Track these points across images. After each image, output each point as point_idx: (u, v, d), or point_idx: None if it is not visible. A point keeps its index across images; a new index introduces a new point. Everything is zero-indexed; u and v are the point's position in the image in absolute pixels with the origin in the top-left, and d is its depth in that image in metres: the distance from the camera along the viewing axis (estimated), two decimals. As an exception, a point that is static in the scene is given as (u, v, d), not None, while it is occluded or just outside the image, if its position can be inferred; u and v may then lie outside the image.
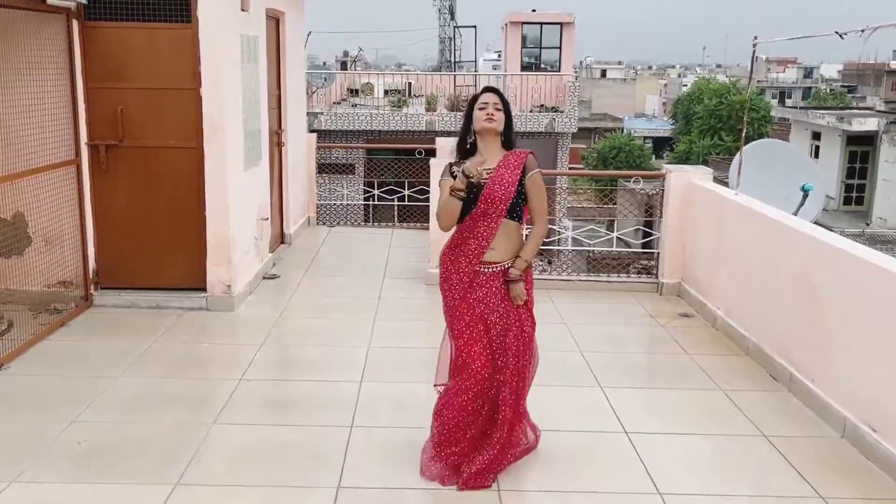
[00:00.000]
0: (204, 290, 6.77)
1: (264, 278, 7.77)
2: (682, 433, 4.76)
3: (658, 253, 7.85)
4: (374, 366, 5.64)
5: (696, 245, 7.31)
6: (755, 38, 6.34)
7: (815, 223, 6.34)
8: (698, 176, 7.44)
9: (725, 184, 7.80)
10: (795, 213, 6.84)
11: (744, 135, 6.95)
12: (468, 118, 4.10)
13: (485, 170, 3.95)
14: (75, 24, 6.38)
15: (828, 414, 4.87)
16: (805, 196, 7.28)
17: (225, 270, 6.74)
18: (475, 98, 4.11)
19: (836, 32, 4.89)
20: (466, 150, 4.12)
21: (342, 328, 6.50)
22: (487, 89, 4.13)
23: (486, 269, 4.03)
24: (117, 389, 5.12)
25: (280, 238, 9.29)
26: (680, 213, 7.50)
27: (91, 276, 6.74)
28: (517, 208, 4.02)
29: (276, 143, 8.98)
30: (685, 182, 7.43)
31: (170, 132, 6.60)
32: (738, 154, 6.90)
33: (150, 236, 6.75)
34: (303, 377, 5.54)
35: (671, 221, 7.55)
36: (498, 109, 4.03)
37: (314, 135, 11.22)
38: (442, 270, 4.13)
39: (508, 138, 4.09)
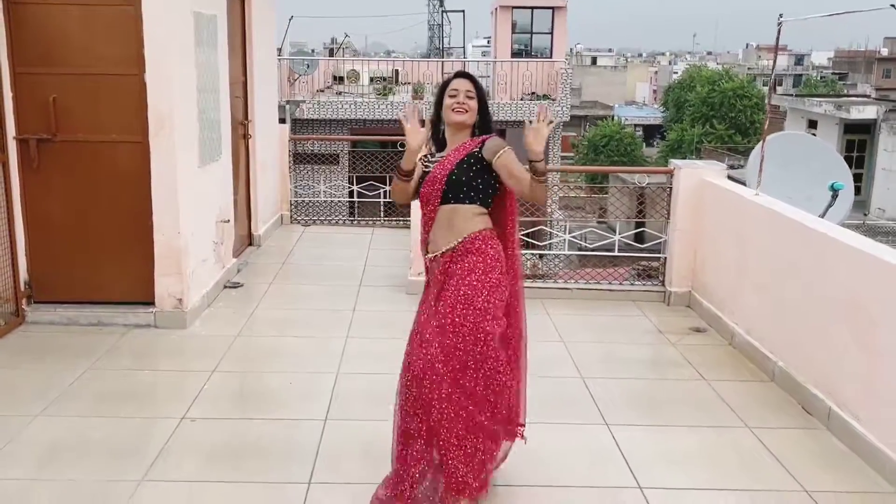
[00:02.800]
0: (152, 304, 5.94)
1: (225, 287, 6.93)
2: (709, 488, 3.96)
3: (665, 258, 7.06)
4: (342, 398, 4.83)
5: (709, 251, 6.51)
6: (780, 15, 5.54)
7: (841, 225, 5.56)
8: (711, 173, 6.63)
9: (736, 180, 6.98)
10: (822, 215, 6.04)
11: (765, 127, 6.12)
12: (438, 105, 3.65)
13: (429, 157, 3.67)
14: (0, 2, 5.52)
15: (877, 461, 4.09)
16: (835, 196, 6.48)
17: (175, 282, 5.91)
18: (446, 84, 3.66)
19: (892, 6, 4.08)
20: (440, 140, 3.70)
21: (309, 349, 5.68)
22: (459, 74, 3.70)
23: (431, 256, 3.66)
24: (32, 434, 4.28)
25: (248, 240, 8.46)
26: (690, 214, 6.69)
27: (23, 289, 5.90)
28: (463, 189, 3.54)
29: (242, 135, 8.13)
30: (696, 180, 6.62)
31: (111, 124, 5.75)
32: (758, 148, 6.09)
33: (90, 243, 5.90)
34: (258, 414, 4.69)
35: (680, 224, 6.74)
36: (470, 97, 3.59)
37: (286, 126, 10.36)
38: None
39: (485, 130, 3.64)
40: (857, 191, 28.75)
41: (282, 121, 11.37)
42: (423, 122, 3.55)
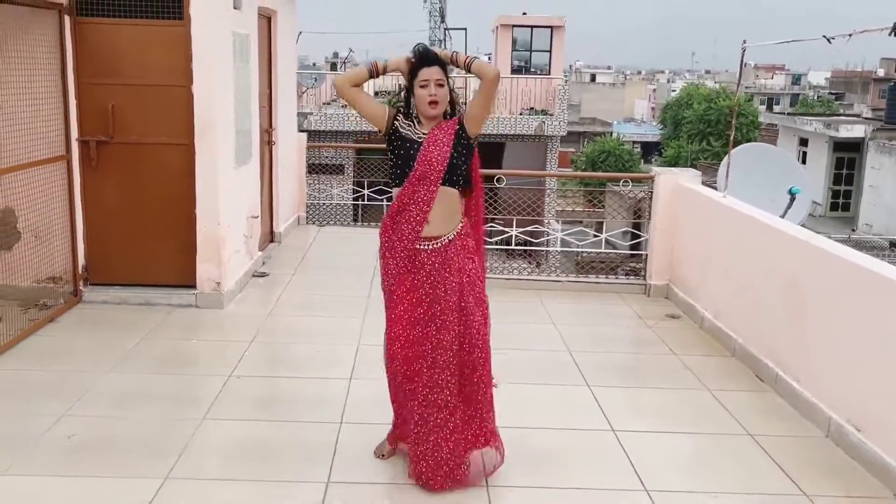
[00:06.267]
0: (193, 287, 6.76)
1: (254, 276, 7.77)
2: (669, 431, 4.80)
3: (646, 255, 7.90)
4: (364, 363, 5.66)
5: (683, 247, 7.36)
6: (744, 41, 6.40)
7: (801, 226, 6.39)
8: (686, 178, 7.50)
9: (714, 188, 7.85)
10: (782, 216, 6.90)
11: (732, 138, 7.00)
12: (409, 91, 3.83)
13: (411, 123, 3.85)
14: (67, 20, 6.38)
15: (813, 414, 4.92)
16: (792, 199, 7.34)
17: (215, 268, 6.74)
18: (414, 68, 3.79)
19: (824, 36, 4.94)
20: (414, 117, 3.90)
21: (331, 326, 6.51)
22: (426, 60, 3.79)
23: (426, 246, 3.85)
24: (106, 385, 5.11)
25: (269, 237, 9.30)
26: (668, 215, 7.55)
27: (80, 272, 6.73)
28: (457, 173, 3.83)
29: (267, 141, 8.99)
30: (673, 184, 7.49)
31: (160, 129, 6.60)
32: (727, 157, 6.96)
33: (139, 232, 6.74)
34: (292, 374, 5.56)
35: (659, 223, 7.60)
36: (440, 85, 3.77)
37: (304, 134, 11.23)
38: (382, 241, 3.97)
39: (453, 110, 3.91)
40: (846, 207, 29.71)
41: (302, 131, 12.24)
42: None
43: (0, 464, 4.05)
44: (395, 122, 3.86)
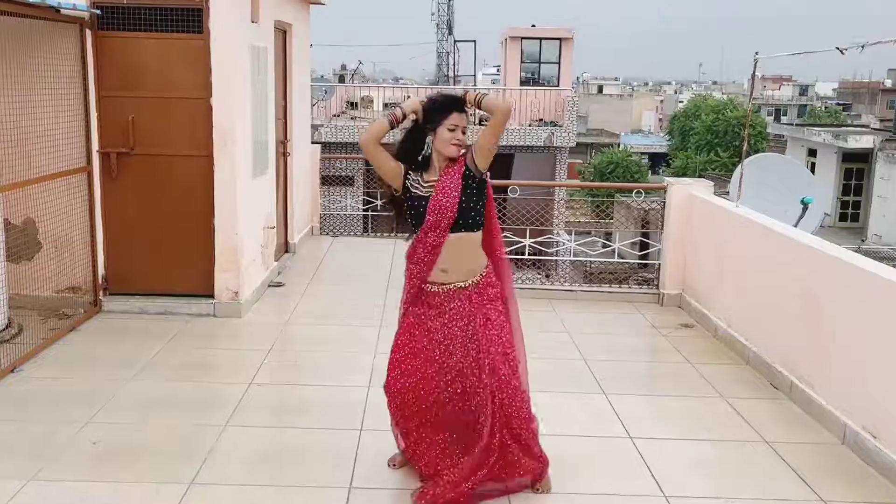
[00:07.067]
0: (212, 296, 6.85)
1: (270, 286, 7.85)
2: (687, 439, 4.84)
3: (659, 264, 7.95)
4: (381, 371, 5.67)
5: (696, 256, 7.42)
6: (756, 53, 6.46)
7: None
8: (699, 188, 7.56)
9: (725, 198, 7.91)
10: (795, 226, 6.94)
11: (744, 148, 7.05)
12: (424, 129, 3.84)
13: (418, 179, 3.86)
14: (88, 34, 6.49)
15: (828, 421, 4.96)
16: (805, 209, 7.40)
17: (233, 277, 6.82)
18: (442, 111, 3.80)
19: (837, 48, 5.01)
20: (425, 159, 3.89)
21: (348, 334, 6.58)
22: (456, 106, 3.81)
23: (436, 289, 3.89)
24: (129, 392, 5.19)
25: (284, 247, 9.38)
26: (681, 225, 7.60)
27: (100, 282, 6.82)
28: (471, 216, 3.82)
29: (282, 153, 9.08)
30: (686, 194, 7.54)
31: (180, 141, 6.70)
32: (739, 167, 7.02)
33: (158, 243, 6.83)
34: (311, 382, 5.63)
35: (672, 233, 7.65)
36: (464, 132, 3.81)
37: (318, 146, 11.33)
38: (406, 266, 4.01)
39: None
40: (856, 217, 29.68)
41: (314, 142, 12.34)
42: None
43: (29, 469, 4.13)
44: (407, 180, 3.88)
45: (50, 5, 5.83)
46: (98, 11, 6.47)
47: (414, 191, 3.86)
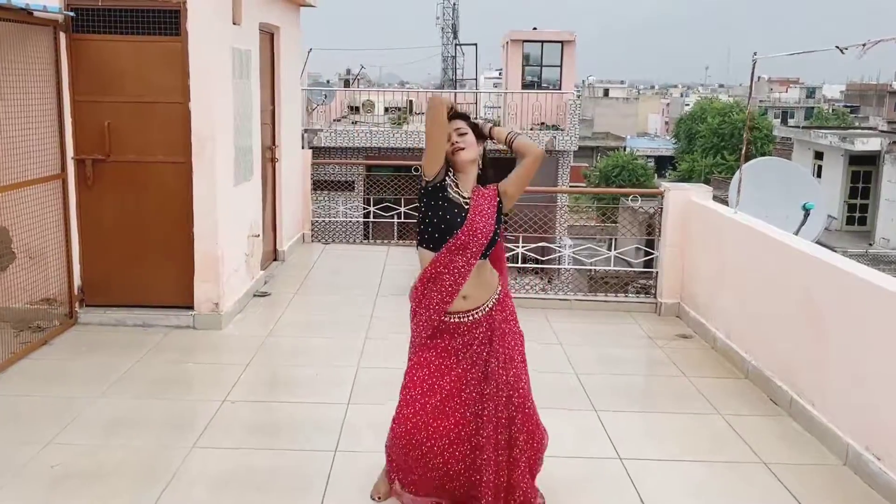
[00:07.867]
0: (191, 307, 6.61)
1: (255, 296, 7.61)
2: (679, 460, 4.58)
3: (657, 272, 7.70)
4: (363, 387, 5.48)
5: (694, 265, 7.16)
6: (755, 53, 6.22)
7: (816, 243, 6.18)
8: (697, 194, 7.30)
9: (726, 202, 7.64)
10: (796, 233, 6.68)
11: (744, 153, 6.80)
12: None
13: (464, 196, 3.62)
14: (62, 37, 6.27)
15: (830, 440, 4.70)
16: (806, 215, 7.12)
17: (213, 288, 6.59)
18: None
19: (837, 47, 4.76)
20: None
21: (332, 347, 6.34)
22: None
23: (459, 319, 3.61)
24: (97, 410, 4.96)
25: (273, 255, 9.15)
26: (679, 231, 7.35)
27: (76, 294, 6.59)
28: (492, 245, 3.66)
29: (270, 159, 8.85)
30: (684, 200, 7.29)
31: (158, 147, 6.47)
32: (738, 172, 6.76)
33: (136, 253, 6.60)
34: (288, 399, 5.37)
35: (670, 240, 7.40)
36: (463, 133, 3.60)
37: (309, 151, 11.09)
38: (412, 307, 3.75)
39: (485, 174, 3.70)
40: (863, 221, 29.34)
41: (312, 147, 12.13)
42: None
43: (-22, 496, 3.90)
44: (447, 177, 3.62)
45: (19, 7, 5.62)
46: (72, 13, 6.25)
47: (451, 192, 3.60)
